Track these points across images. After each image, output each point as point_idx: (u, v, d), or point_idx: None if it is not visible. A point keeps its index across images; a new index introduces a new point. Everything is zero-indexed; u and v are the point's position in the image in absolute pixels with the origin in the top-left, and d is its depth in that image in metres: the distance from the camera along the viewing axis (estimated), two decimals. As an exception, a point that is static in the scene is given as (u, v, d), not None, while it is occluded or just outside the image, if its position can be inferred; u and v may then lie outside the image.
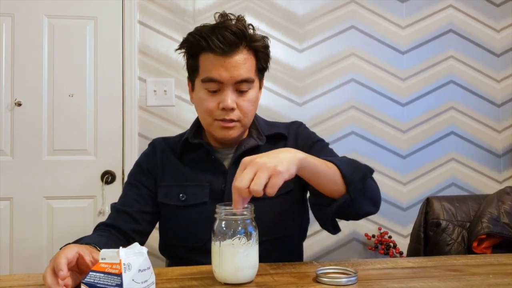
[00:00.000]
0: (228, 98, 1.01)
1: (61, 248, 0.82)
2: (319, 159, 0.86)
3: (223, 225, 0.78)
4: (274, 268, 0.90)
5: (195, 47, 1.04)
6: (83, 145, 2.02)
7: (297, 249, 1.16)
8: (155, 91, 2.08)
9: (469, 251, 1.40)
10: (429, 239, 1.49)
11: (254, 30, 1.06)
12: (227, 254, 0.77)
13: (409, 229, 2.02)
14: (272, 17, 2.18)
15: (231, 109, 1.02)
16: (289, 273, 0.86)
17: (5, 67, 1.98)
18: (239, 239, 0.76)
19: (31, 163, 1.98)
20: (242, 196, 0.75)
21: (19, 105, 1.98)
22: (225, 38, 0.99)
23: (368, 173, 0.92)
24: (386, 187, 2.22)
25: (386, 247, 2.10)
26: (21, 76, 1.99)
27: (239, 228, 0.77)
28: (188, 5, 2.12)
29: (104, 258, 0.66)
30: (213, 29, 1.00)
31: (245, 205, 0.78)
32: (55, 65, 2.02)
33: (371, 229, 2.19)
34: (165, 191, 1.10)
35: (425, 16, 2.29)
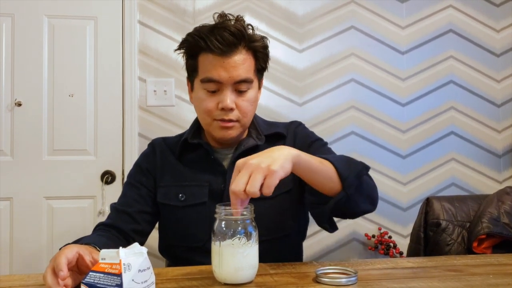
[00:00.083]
0: (227, 98, 1.01)
1: (60, 248, 0.82)
2: (313, 156, 0.86)
3: (223, 225, 0.78)
4: (274, 268, 0.90)
5: (194, 48, 1.04)
6: (83, 145, 2.02)
7: (296, 249, 1.16)
8: (155, 91, 2.08)
9: (469, 251, 1.40)
10: (429, 239, 1.49)
11: (253, 30, 1.06)
12: (227, 254, 0.77)
13: (409, 229, 2.02)
14: (272, 17, 2.18)
15: (230, 109, 1.02)
16: (289, 273, 0.86)
17: (5, 67, 1.98)
18: (239, 239, 0.77)
19: (31, 163, 1.98)
20: (239, 199, 0.75)
21: (19, 105, 1.98)
22: (223, 39, 0.99)
23: (364, 170, 0.92)
24: (386, 187, 2.22)
25: (386, 247, 2.10)
26: (21, 76, 1.99)
27: (239, 228, 0.77)
28: (188, 5, 2.12)
29: (104, 258, 0.66)
30: (212, 29, 1.00)
31: (244, 206, 0.78)
32: (55, 65, 2.02)
33: (371, 229, 2.19)
34: (164, 191, 1.10)
35: (425, 16, 2.29)
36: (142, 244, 1.00)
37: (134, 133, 2.05)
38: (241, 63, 1.01)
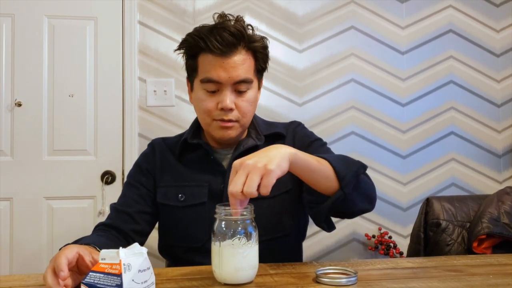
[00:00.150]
0: (227, 98, 1.01)
1: (60, 248, 0.82)
2: (311, 155, 0.86)
3: (223, 226, 0.78)
4: (274, 268, 0.90)
5: (193, 48, 1.04)
6: (83, 145, 2.02)
7: (296, 249, 1.16)
8: (155, 91, 2.08)
9: (469, 251, 1.40)
10: (429, 239, 1.49)
11: (253, 31, 1.06)
12: (227, 255, 0.77)
13: (409, 229, 2.02)
14: (272, 17, 2.18)
15: (230, 110, 1.02)
16: (289, 274, 0.86)
17: (5, 67, 1.98)
18: (239, 239, 0.77)
19: (31, 163, 1.98)
20: (238, 200, 0.75)
21: (19, 105, 1.98)
22: (223, 39, 0.99)
23: (361, 169, 0.92)
24: (386, 187, 2.22)
25: (386, 247, 2.10)
26: (21, 77, 1.99)
27: (239, 228, 0.77)
28: (188, 5, 2.12)
29: (104, 258, 0.66)
30: (211, 29, 1.00)
31: (244, 206, 0.78)
32: (55, 65, 2.02)
33: (371, 229, 2.19)
34: (164, 191, 1.10)
35: (425, 16, 2.29)
36: (141, 244, 1.00)
37: (134, 133, 2.05)
38: (240, 63, 1.01)
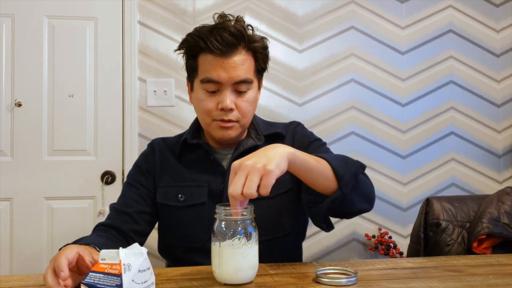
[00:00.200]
0: (227, 98, 1.01)
1: (60, 248, 0.82)
2: (309, 154, 0.86)
3: (223, 226, 0.78)
4: (274, 268, 0.90)
5: (193, 48, 1.04)
6: (83, 145, 2.02)
7: (296, 249, 1.16)
8: (155, 91, 2.08)
9: (469, 251, 1.40)
10: (429, 239, 1.49)
11: (253, 31, 1.06)
12: (227, 255, 0.77)
13: (409, 230, 2.02)
14: (272, 17, 2.18)
15: (230, 110, 1.02)
16: (289, 274, 0.86)
17: (5, 67, 1.98)
18: (239, 239, 0.77)
19: (31, 163, 1.98)
20: (238, 200, 0.75)
21: (19, 105, 1.98)
22: (223, 39, 0.99)
23: (360, 168, 0.92)
24: (386, 187, 2.22)
25: (386, 248, 2.10)
26: (21, 77, 1.99)
27: (239, 228, 0.77)
28: (188, 5, 2.12)
29: (104, 258, 0.66)
30: (211, 30, 1.00)
31: (244, 207, 0.78)
32: (55, 65, 2.02)
33: (371, 229, 2.19)
34: (163, 191, 1.10)
35: (425, 16, 2.29)
36: (141, 244, 1.00)
37: (134, 133, 2.05)
38: (240, 63, 1.01)
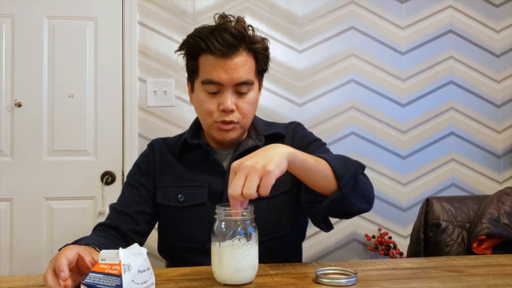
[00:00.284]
0: (228, 100, 1.01)
1: (60, 249, 0.82)
2: (309, 155, 0.86)
3: (222, 226, 0.78)
4: (274, 269, 0.90)
5: (194, 49, 1.04)
6: (83, 145, 2.02)
7: (296, 249, 1.16)
8: (155, 91, 2.08)
9: (469, 251, 1.40)
10: (429, 239, 1.49)
11: (254, 31, 1.06)
12: (227, 255, 0.77)
13: (409, 230, 2.02)
14: (272, 17, 2.18)
15: (231, 111, 1.02)
16: (289, 274, 0.86)
17: (5, 67, 1.98)
18: (238, 240, 0.77)
19: (31, 163, 1.98)
20: (238, 201, 0.75)
21: (19, 105, 1.98)
22: (224, 40, 0.99)
23: (359, 169, 0.92)
24: (386, 188, 2.22)
25: (386, 248, 2.10)
26: (21, 77, 1.99)
27: (239, 229, 0.77)
28: (188, 5, 2.12)
29: (104, 259, 0.66)
30: (212, 31, 1.00)
31: (244, 207, 0.78)
32: (55, 65, 2.02)
33: (371, 229, 2.19)
34: (163, 191, 1.10)
35: (424, 16, 2.29)
36: (141, 244, 1.00)
37: (134, 133, 2.05)
38: (241, 65, 1.01)
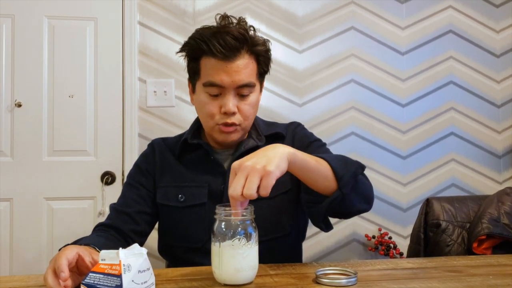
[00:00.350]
0: (230, 102, 1.01)
1: (60, 249, 0.82)
2: (309, 155, 0.86)
3: (222, 226, 0.78)
4: (274, 269, 0.90)
5: (196, 51, 1.03)
6: (83, 146, 2.02)
7: (296, 249, 1.16)
8: (155, 91, 2.08)
9: (469, 252, 1.40)
10: (429, 240, 1.49)
11: (255, 32, 1.06)
12: (227, 255, 0.77)
13: (409, 230, 2.02)
14: (272, 18, 2.18)
15: (233, 113, 1.02)
16: (289, 274, 0.86)
17: (5, 68, 1.98)
18: (239, 240, 0.76)
19: (31, 164, 1.98)
20: (238, 201, 0.75)
21: (19, 106, 1.98)
22: (226, 43, 0.98)
23: (359, 169, 0.92)
24: (386, 188, 2.22)
25: (386, 248, 2.10)
26: (21, 77, 1.99)
27: (239, 229, 0.77)
28: (188, 6, 2.12)
29: (104, 259, 0.66)
30: (214, 33, 1.00)
31: (244, 207, 0.78)
32: (55, 66, 2.02)
33: (371, 230, 2.19)
34: (163, 191, 1.10)
35: (425, 17, 2.29)
36: (141, 244, 1.00)
37: (134, 133, 2.05)
38: (243, 67, 1.01)
